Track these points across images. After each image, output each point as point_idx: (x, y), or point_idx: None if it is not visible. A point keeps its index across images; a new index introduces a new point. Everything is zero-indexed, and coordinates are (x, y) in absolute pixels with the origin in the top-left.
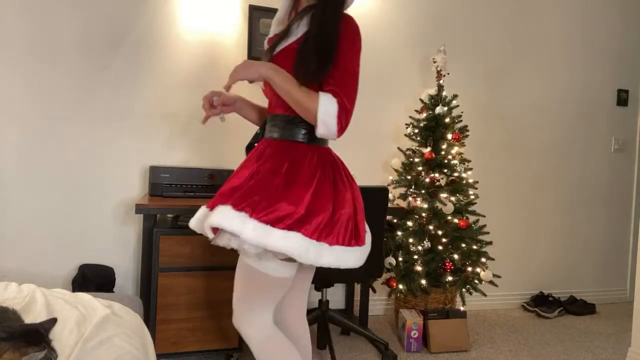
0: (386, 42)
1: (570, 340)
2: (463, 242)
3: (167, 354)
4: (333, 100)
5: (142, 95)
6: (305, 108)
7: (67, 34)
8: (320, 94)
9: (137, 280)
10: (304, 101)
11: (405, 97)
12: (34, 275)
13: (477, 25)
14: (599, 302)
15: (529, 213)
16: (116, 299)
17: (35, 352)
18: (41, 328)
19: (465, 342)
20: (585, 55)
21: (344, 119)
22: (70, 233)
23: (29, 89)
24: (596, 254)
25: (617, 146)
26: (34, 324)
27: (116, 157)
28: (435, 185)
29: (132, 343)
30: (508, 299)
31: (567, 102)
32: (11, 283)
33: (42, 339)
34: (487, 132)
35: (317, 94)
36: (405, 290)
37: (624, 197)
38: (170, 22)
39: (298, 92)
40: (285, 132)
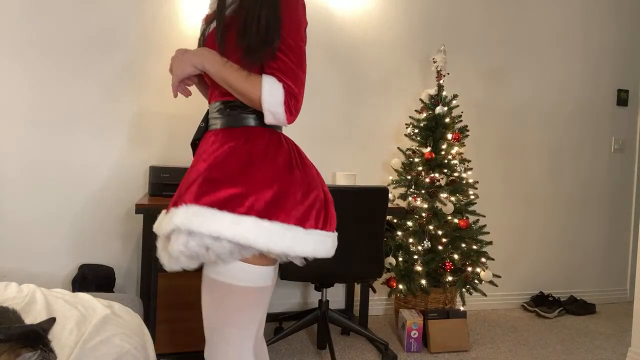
0: (386, 42)
1: (570, 340)
2: (463, 242)
3: (167, 354)
4: (278, 85)
5: (142, 95)
6: (247, 96)
7: (67, 34)
8: (263, 77)
9: (137, 280)
10: (244, 88)
11: (405, 97)
12: (34, 275)
13: (477, 25)
14: (599, 302)
15: (528, 213)
16: (116, 299)
17: (27, 354)
18: (39, 329)
19: (465, 342)
20: (585, 55)
21: (293, 104)
22: (70, 233)
23: (29, 89)
24: (596, 254)
25: (617, 146)
26: (33, 325)
27: (116, 157)
28: (435, 185)
29: (132, 343)
30: (508, 299)
31: (567, 102)
32: (11, 283)
33: (40, 340)
34: (487, 132)
35: (259, 78)
36: (405, 290)
37: (624, 197)
38: (170, 21)
39: (236, 78)
40: (230, 119)
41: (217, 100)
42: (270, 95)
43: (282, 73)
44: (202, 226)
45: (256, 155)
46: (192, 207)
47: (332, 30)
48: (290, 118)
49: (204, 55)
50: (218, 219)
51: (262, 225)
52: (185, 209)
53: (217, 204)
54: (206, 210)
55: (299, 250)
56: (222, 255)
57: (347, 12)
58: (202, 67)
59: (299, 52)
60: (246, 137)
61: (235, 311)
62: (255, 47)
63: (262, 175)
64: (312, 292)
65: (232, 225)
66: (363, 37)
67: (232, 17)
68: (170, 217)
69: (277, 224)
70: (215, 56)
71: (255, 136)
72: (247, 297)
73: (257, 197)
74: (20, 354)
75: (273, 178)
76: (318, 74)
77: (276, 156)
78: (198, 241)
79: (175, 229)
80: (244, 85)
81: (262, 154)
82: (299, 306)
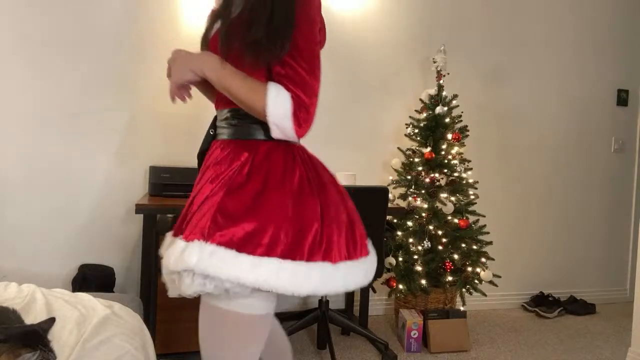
0: (386, 42)
1: (570, 340)
2: (463, 242)
3: (167, 354)
4: (285, 95)
5: (142, 94)
6: (251, 107)
7: (66, 34)
8: (269, 86)
9: (137, 280)
10: (248, 98)
11: (405, 97)
12: (34, 275)
13: (477, 25)
14: (599, 302)
15: (528, 213)
16: (116, 299)
17: (27, 354)
18: (39, 329)
19: (465, 342)
20: (585, 55)
21: (303, 116)
22: (70, 233)
23: (29, 89)
24: (596, 254)
25: (617, 146)
26: (33, 325)
27: (116, 157)
28: (435, 185)
29: (132, 343)
30: (508, 299)
31: (567, 102)
32: (11, 283)
33: (40, 340)
34: (487, 132)
35: (264, 86)
36: (405, 290)
37: (624, 197)
38: (170, 21)
39: (239, 86)
40: (238, 130)
41: (224, 108)
42: (276, 106)
43: (290, 81)
44: (221, 272)
45: (272, 182)
46: (207, 246)
47: (332, 30)
48: (300, 131)
49: (204, 61)
50: (236, 263)
51: (283, 267)
52: (200, 247)
53: (235, 245)
54: (224, 251)
55: (330, 288)
56: (240, 294)
57: (347, 12)
58: (202, 74)
59: (311, 56)
60: (258, 154)
61: (241, 341)
62: (263, 42)
63: (278, 206)
64: None
65: (252, 269)
66: (363, 37)
67: (239, 13)
68: (181, 253)
69: (301, 263)
70: (216, 61)
71: (267, 154)
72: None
73: (275, 232)
74: (20, 354)
75: (291, 209)
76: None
77: (292, 181)
78: (217, 283)
79: (189, 270)
80: (248, 94)
81: (278, 180)
82: (299, 306)
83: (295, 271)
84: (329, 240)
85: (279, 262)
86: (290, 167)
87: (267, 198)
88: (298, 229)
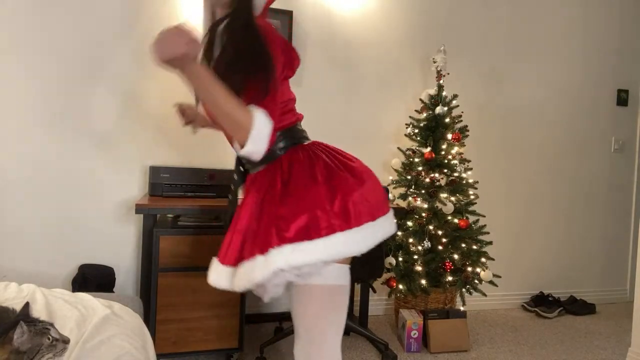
0: (386, 42)
1: (570, 340)
2: (463, 242)
3: (167, 354)
4: (268, 122)
5: (142, 94)
6: (237, 122)
7: (66, 34)
8: (256, 111)
9: (137, 280)
10: (234, 112)
11: (405, 97)
12: (34, 275)
13: (477, 25)
14: (599, 302)
15: (528, 213)
16: (116, 299)
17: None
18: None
19: (465, 342)
20: (585, 55)
21: (272, 141)
22: (70, 233)
23: (29, 89)
24: (596, 254)
25: (617, 146)
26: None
27: (116, 157)
28: (435, 185)
29: (132, 343)
30: (508, 299)
31: (567, 102)
32: (11, 283)
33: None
34: (487, 132)
35: (248, 108)
36: (405, 290)
37: (624, 197)
38: (170, 21)
39: (227, 97)
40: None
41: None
42: (260, 127)
43: (269, 110)
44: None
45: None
46: (283, 247)
47: (332, 30)
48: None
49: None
50: (313, 248)
51: (349, 236)
52: (279, 251)
53: (304, 236)
54: (299, 245)
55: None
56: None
57: (347, 12)
58: (193, 59)
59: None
60: (284, 164)
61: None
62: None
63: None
64: None
65: (325, 248)
66: (363, 37)
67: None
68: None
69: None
70: (205, 72)
71: (291, 161)
72: (340, 294)
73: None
74: (11, 339)
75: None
76: (318, 74)
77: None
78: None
79: (277, 270)
80: (235, 107)
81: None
82: None
83: (355, 236)
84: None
85: (342, 234)
86: (314, 160)
87: (306, 192)
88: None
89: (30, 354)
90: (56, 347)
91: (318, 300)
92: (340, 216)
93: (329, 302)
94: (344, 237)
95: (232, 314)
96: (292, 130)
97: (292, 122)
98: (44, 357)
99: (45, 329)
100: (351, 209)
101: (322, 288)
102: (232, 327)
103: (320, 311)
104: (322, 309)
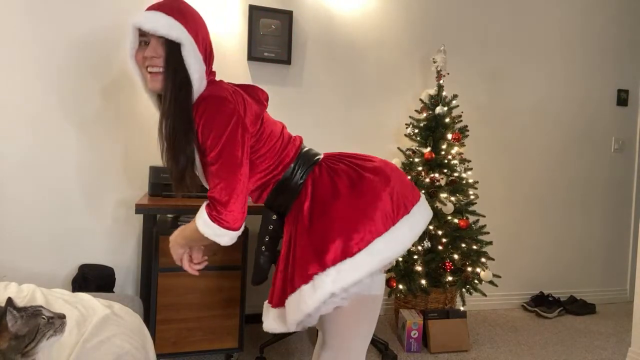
0: (386, 42)
1: (570, 340)
2: (463, 242)
3: (167, 354)
4: (201, 211)
5: (142, 94)
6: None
7: (66, 33)
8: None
9: (137, 280)
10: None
11: (405, 97)
12: (34, 275)
13: (477, 25)
14: (599, 302)
15: (528, 213)
16: (116, 299)
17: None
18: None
19: (465, 342)
20: (585, 55)
21: (218, 210)
22: (70, 233)
23: (29, 88)
24: (596, 254)
25: (617, 146)
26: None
27: (116, 157)
28: (435, 185)
29: (132, 343)
30: (508, 299)
31: (567, 102)
32: (11, 283)
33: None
34: (487, 132)
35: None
36: (405, 290)
37: (624, 197)
38: None
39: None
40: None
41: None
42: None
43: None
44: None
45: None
46: (329, 271)
47: (332, 30)
48: (225, 223)
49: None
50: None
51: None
52: (325, 276)
53: (345, 254)
54: (344, 264)
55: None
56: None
57: (347, 12)
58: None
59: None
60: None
61: (365, 318)
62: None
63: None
64: None
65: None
66: (363, 38)
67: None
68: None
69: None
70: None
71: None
72: (374, 303)
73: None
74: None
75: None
76: (318, 74)
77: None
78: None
79: (328, 295)
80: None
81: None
82: None
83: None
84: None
85: (381, 238)
86: (332, 172)
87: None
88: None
89: (31, 335)
90: (54, 324)
91: (353, 311)
92: (371, 224)
93: (363, 313)
94: (383, 240)
95: (232, 314)
96: (302, 156)
97: (297, 150)
98: (46, 335)
99: (37, 310)
100: (380, 213)
101: (360, 298)
102: (232, 327)
103: (353, 322)
104: (356, 320)
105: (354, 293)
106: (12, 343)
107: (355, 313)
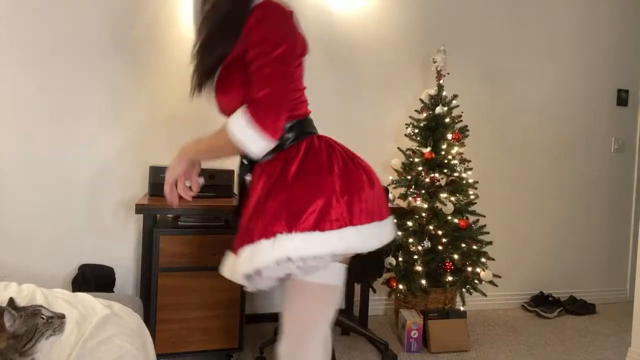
0: (386, 42)
1: (570, 340)
2: (463, 242)
3: (167, 354)
4: (238, 112)
5: (142, 94)
6: (225, 143)
7: (66, 34)
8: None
9: (137, 280)
10: (219, 140)
11: (405, 97)
12: (34, 275)
13: (477, 25)
14: (599, 302)
15: (529, 213)
16: (116, 299)
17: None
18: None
19: (465, 342)
20: (585, 55)
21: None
22: (70, 233)
23: (29, 88)
24: (596, 254)
25: (617, 146)
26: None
27: (116, 157)
28: (435, 185)
29: (132, 343)
30: (508, 299)
31: (567, 102)
32: (11, 283)
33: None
34: (487, 132)
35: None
36: (405, 290)
37: (624, 197)
38: (171, 21)
39: (211, 140)
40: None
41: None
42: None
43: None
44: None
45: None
46: (295, 235)
47: (332, 30)
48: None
49: (182, 150)
50: (326, 240)
51: (361, 232)
52: (289, 238)
53: (315, 226)
54: (312, 235)
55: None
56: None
57: (347, 12)
58: (188, 159)
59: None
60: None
61: (324, 309)
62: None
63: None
64: None
65: (339, 240)
66: (363, 37)
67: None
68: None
69: (368, 225)
70: (191, 142)
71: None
72: (335, 295)
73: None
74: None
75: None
76: (318, 74)
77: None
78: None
79: (284, 258)
80: (218, 138)
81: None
82: None
83: (366, 232)
84: (377, 208)
85: (354, 228)
86: (331, 150)
87: (322, 179)
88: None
89: (29, 334)
90: (53, 324)
91: (311, 299)
92: (350, 210)
93: (322, 302)
94: (355, 231)
95: (232, 314)
96: (303, 123)
97: (305, 114)
98: (44, 335)
99: (37, 310)
100: (362, 206)
101: (318, 287)
102: (232, 327)
103: (312, 310)
104: (315, 308)
105: (309, 268)
106: (10, 342)
107: (314, 302)
